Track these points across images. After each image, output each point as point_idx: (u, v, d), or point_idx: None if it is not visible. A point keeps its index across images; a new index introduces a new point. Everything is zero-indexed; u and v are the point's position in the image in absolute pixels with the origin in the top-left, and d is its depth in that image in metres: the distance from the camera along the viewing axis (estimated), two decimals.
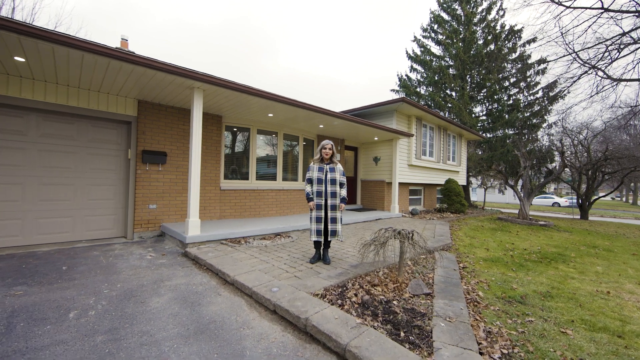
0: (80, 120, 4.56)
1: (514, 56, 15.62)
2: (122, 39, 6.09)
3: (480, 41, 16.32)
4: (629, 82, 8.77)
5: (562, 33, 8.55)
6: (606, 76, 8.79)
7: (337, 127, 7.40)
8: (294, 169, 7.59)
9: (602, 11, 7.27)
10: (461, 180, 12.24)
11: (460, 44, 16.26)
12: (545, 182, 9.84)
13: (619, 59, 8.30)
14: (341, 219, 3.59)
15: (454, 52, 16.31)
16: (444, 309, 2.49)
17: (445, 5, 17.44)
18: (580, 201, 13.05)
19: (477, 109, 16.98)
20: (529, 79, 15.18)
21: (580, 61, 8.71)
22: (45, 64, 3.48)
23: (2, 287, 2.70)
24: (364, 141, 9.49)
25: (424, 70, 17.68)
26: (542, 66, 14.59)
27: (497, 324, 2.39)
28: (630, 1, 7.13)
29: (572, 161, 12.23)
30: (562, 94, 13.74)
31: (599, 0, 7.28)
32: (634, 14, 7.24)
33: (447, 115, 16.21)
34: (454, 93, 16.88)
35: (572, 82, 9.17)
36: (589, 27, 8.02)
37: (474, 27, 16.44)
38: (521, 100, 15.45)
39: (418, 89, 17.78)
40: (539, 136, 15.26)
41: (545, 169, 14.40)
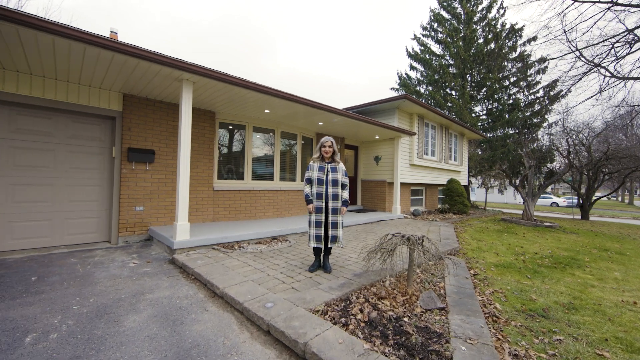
0: (59, 115, 4.20)
1: (514, 55, 15.42)
2: (111, 31, 5.70)
3: (481, 40, 16.09)
4: (636, 81, 8.56)
5: (565, 31, 8.32)
6: (610, 74, 8.58)
7: (337, 125, 7.08)
8: (292, 168, 7.26)
9: (610, 5, 7.02)
10: (462, 180, 11.98)
11: (461, 42, 16.02)
12: (550, 182, 9.61)
13: (624, 57, 8.09)
14: (342, 222, 3.28)
15: (454, 50, 16.06)
16: (462, 327, 2.19)
17: (445, 4, 17.18)
18: (581, 201, 12.86)
19: (477, 108, 16.76)
20: (529, 78, 14.97)
21: (585, 60, 8.49)
22: (14, 51, 3.12)
23: None
24: (365, 140, 9.19)
25: (424, 69, 17.43)
26: (543, 65, 14.39)
27: (523, 345, 2.09)
28: None
29: (573, 161, 12.03)
30: (563, 93, 13.55)
31: None
32: None
33: (447, 114, 15.99)
34: (454, 92, 16.64)
35: (577, 80, 8.93)
36: (594, 23, 7.78)
37: (475, 26, 16.21)
38: (521, 100, 15.25)
39: (418, 88, 17.52)
40: (539, 136, 15.08)
41: (545, 169, 14.21)
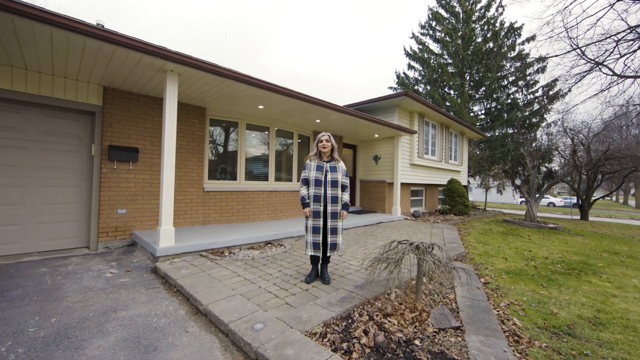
0: (30, 110, 3.82)
1: (513, 54, 15.27)
2: (98, 23, 5.30)
3: (480, 39, 15.92)
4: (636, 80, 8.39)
5: (567, 29, 8.11)
6: (612, 73, 8.40)
7: (335, 123, 6.77)
8: (288, 168, 6.92)
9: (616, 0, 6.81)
10: (462, 180, 11.75)
11: (459, 41, 15.82)
12: (553, 182, 9.39)
13: (626, 55, 7.91)
14: (342, 227, 2.96)
15: (452, 49, 15.86)
16: (482, 352, 1.88)
17: (444, 2, 16.99)
18: (580, 201, 12.72)
19: (476, 107, 16.59)
20: (528, 78, 14.83)
21: (587, 58, 8.29)
22: None
23: None
24: (364, 138, 8.89)
25: (422, 68, 17.21)
26: (542, 64, 14.24)
27: None
28: None
29: (577, 161, 11.88)
30: (563, 92, 13.41)
31: None
32: None
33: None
34: (452, 91, 16.44)
35: (579, 79, 8.75)
36: (597, 20, 7.57)
37: (473, 24, 16.03)
38: (520, 99, 15.10)
39: (416, 87, 17.30)
40: (537, 135, 14.93)
41: (544, 169, 14.05)
